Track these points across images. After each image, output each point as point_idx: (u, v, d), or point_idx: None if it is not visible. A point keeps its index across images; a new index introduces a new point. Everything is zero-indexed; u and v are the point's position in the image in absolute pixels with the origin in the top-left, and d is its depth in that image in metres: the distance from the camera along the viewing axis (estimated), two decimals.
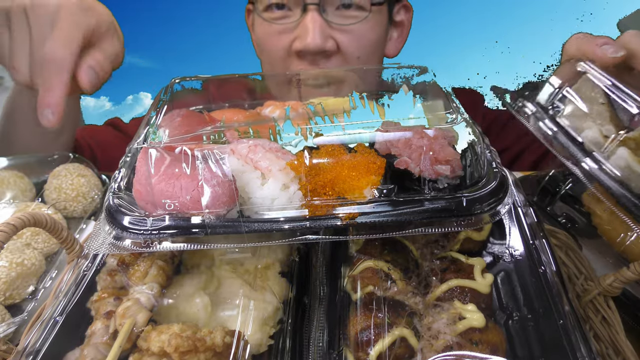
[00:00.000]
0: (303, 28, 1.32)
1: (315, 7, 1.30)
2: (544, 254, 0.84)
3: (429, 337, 0.71)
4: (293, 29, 1.35)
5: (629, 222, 0.79)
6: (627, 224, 0.83)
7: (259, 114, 0.99)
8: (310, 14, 1.30)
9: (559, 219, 1.10)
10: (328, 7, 1.32)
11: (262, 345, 0.77)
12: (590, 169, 0.81)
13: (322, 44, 1.31)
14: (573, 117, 0.90)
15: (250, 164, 0.77)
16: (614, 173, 0.79)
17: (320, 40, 1.30)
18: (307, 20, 1.30)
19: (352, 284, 0.80)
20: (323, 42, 1.31)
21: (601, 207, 0.92)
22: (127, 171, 0.81)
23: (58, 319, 0.75)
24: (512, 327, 0.77)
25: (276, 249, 0.90)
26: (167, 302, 0.79)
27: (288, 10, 1.35)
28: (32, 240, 1.05)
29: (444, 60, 5.24)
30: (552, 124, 0.91)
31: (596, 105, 0.88)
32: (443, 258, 0.85)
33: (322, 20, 1.31)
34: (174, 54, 5.45)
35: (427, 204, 0.74)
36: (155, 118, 0.87)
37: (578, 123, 0.89)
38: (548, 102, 0.95)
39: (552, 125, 0.90)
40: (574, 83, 0.93)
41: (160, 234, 0.73)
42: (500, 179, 0.78)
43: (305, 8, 1.31)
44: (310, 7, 1.30)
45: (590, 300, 0.84)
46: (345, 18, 1.35)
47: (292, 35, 1.36)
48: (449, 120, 0.83)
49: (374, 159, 0.77)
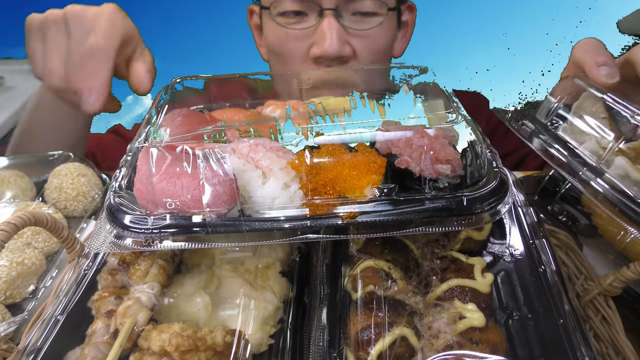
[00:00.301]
0: (320, 34, 1.31)
1: (332, 12, 1.29)
2: (544, 254, 0.84)
3: (429, 337, 0.71)
4: (310, 35, 1.34)
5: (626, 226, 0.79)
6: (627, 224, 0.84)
7: (259, 113, 0.99)
8: (327, 20, 1.29)
9: (560, 217, 1.10)
10: (344, 13, 1.32)
11: (263, 345, 0.77)
12: (588, 179, 0.82)
13: (340, 49, 1.30)
14: (574, 133, 0.92)
15: (251, 163, 0.77)
16: (613, 182, 0.80)
17: (338, 46, 1.29)
18: (325, 25, 1.30)
19: (352, 283, 0.80)
20: (341, 47, 1.30)
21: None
22: (128, 170, 0.81)
23: (59, 318, 0.75)
24: (512, 326, 0.77)
25: (277, 248, 0.90)
26: (168, 301, 0.79)
27: (304, 16, 1.35)
28: (33, 239, 1.05)
29: (444, 60, 5.24)
30: (551, 139, 0.92)
31: (598, 120, 0.89)
32: (443, 257, 0.85)
33: (339, 25, 1.31)
34: (174, 54, 5.44)
35: (427, 203, 0.74)
36: (156, 117, 0.87)
37: (579, 138, 0.90)
38: (547, 119, 0.97)
39: (551, 140, 0.92)
40: (575, 99, 0.95)
41: (161, 233, 0.73)
42: (500, 179, 0.78)
43: (321, 13, 1.30)
44: (327, 12, 1.29)
45: (591, 300, 0.84)
46: (361, 23, 1.35)
47: (309, 41, 1.35)
48: (450, 120, 0.84)
49: (375, 158, 0.77)
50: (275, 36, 1.42)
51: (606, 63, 0.90)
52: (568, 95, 0.97)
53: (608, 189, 0.79)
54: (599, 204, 0.80)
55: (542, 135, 0.94)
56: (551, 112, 0.97)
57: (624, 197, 0.77)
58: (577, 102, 0.94)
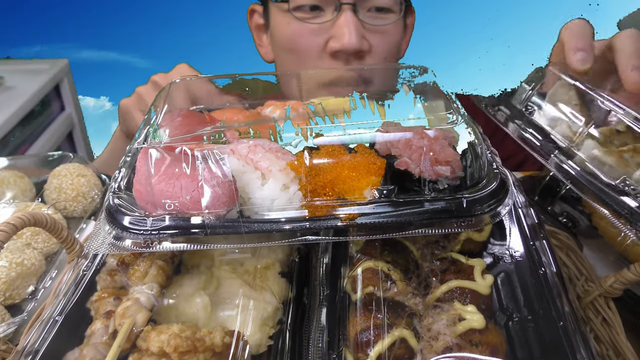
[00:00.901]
0: (338, 28, 1.31)
1: (350, 6, 1.29)
2: (545, 255, 0.83)
3: (428, 338, 0.71)
4: (327, 29, 1.34)
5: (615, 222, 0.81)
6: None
7: (259, 113, 0.99)
8: (346, 14, 1.30)
9: (560, 218, 1.10)
10: (361, 9, 1.33)
11: (262, 346, 0.77)
12: (560, 161, 0.86)
13: (359, 44, 1.31)
14: (547, 118, 0.95)
15: (250, 164, 0.77)
16: (584, 164, 0.84)
17: (357, 40, 1.29)
18: (343, 20, 1.30)
19: (352, 285, 0.80)
20: (360, 42, 1.31)
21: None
22: (127, 171, 0.81)
23: (57, 318, 0.75)
24: (512, 328, 0.77)
25: (276, 249, 0.90)
26: (167, 302, 0.79)
27: (320, 11, 1.35)
28: (32, 240, 1.05)
29: (445, 59, 5.23)
30: (525, 124, 0.96)
31: (570, 107, 0.92)
32: (443, 259, 0.85)
33: (357, 20, 1.31)
34: (174, 54, 5.44)
35: (427, 204, 0.73)
36: (155, 118, 0.87)
37: (552, 122, 0.94)
38: (522, 104, 0.99)
39: (525, 124, 0.96)
40: (549, 87, 0.98)
41: (160, 234, 0.73)
42: (500, 180, 0.78)
43: (339, 8, 1.31)
44: (345, 6, 1.30)
45: (591, 302, 0.83)
46: (378, 19, 1.36)
47: (326, 35, 1.35)
48: (450, 121, 0.83)
49: (374, 159, 0.76)
50: (290, 31, 1.40)
51: (584, 49, 0.93)
52: (542, 83, 1.00)
53: (579, 170, 0.83)
54: (572, 186, 0.84)
55: (517, 120, 0.98)
56: (525, 99, 1.01)
57: (593, 178, 0.81)
58: (551, 90, 0.97)
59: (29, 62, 2.91)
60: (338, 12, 1.31)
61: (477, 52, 5.14)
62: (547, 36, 3.06)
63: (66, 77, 2.94)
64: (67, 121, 3.01)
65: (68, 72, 2.97)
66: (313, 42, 1.37)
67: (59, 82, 2.89)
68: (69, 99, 2.99)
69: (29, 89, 2.56)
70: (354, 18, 1.30)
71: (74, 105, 3.04)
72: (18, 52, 2.97)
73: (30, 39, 2.88)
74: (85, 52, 2.76)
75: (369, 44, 1.36)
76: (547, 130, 0.93)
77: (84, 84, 3.07)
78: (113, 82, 2.22)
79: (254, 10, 1.56)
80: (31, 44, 2.98)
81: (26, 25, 2.89)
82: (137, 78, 5.68)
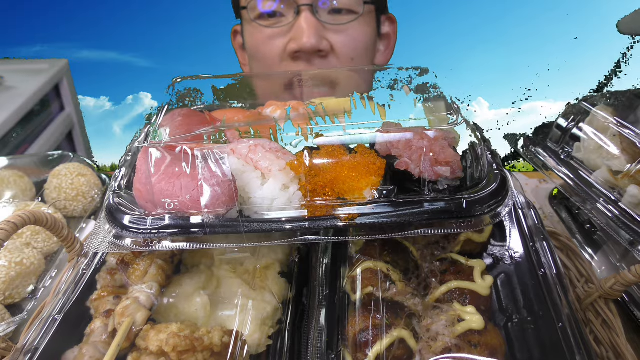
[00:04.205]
0: (297, 29, 1.35)
1: (308, 7, 1.33)
2: (545, 257, 0.83)
3: (427, 339, 0.71)
4: (287, 32, 1.38)
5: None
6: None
7: (259, 113, 0.99)
8: (304, 15, 1.34)
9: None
10: (320, 10, 1.36)
11: (261, 346, 0.77)
12: (605, 211, 0.86)
13: (318, 43, 1.34)
14: (586, 152, 0.95)
15: (250, 164, 0.77)
16: (630, 211, 0.83)
17: (315, 39, 1.33)
18: (301, 21, 1.34)
19: (351, 285, 0.80)
20: (318, 41, 1.34)
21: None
22: (127, 170, 0.81)
23: (57, 317, 0.75)
24: (512, 329, 0.77)
25: (276, 249, 0.90)
26: (167, 301, 0.79)
27: (280, 17, 1.39)
28: (32, 239, 1.05)
29: (444, 60, 5.23)
30: (565, 169, 0.96)
31: (608, 137, 0.92)
32: (443, 260, 0.85)
33: (316, 20, 1.35)
34: (174, 54, 5.43)
35: (427, 205, 0.73)
36: (156, 117, 0.87)
37: (592, 157, 0.93)
38: (559, 145, 1.00)
39: (565, 170, 0.96)
40: (583, 119, 0.98)
41: (160, 233, 0.73)
42: (501, 181, 0.78)
43: (297, 10, 1.34)
44: (303, 8, 1.33)
45: (591, 303, 0.83)
46: (338, 19, 1.40)
47: (286, 39, 1.39)
48: (451, 122, 0.83)
49: (374, 159, 0.76)
50: (253, 39, 1.46)
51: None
52: (577, 118, 1.00)
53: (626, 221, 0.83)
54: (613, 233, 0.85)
55: (556, 168, 0.99)
56: (562, 137, 1.01)
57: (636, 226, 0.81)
58: (588, 118, 0.98)
59: (28, 62, 2.91)
60: (297, 15, 1.35)
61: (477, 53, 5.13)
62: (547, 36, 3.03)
63: (66, 77, 2.94)
64: (67, 121, 3.00)
65: (68, 72, 2.97)
66: (274, 46, 1.41)
67: (59, 82, 2.89)
68: (68, 99, 2.99)
69: (29, 89, 2.56)
70: (312, 18, 1.34)
71: (73, 105, 3.04)
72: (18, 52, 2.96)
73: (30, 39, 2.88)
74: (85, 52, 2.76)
75: (329, 43, 1.39)
76: (587, 173, 0.93)
77: (84, 83, 3.07)
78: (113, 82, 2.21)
79: (236, 32, 1.61)
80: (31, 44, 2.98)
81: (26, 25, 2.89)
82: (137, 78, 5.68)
